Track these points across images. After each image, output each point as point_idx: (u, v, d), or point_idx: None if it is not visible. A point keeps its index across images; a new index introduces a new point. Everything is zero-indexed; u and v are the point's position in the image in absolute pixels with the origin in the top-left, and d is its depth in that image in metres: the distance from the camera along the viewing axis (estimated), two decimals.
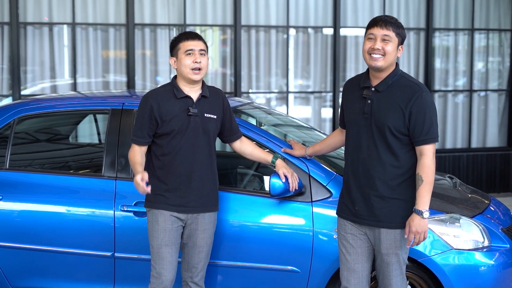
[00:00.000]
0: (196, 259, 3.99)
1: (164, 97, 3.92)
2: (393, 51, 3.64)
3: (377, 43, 3.63)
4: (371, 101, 3.67)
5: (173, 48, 3.96)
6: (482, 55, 9.67)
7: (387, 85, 3.66)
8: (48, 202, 4.44)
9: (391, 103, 3.62)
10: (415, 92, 3.59)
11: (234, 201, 4.27)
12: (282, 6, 8.81)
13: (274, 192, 4.06)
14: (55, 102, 4.88)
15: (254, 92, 8.84)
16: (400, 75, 3.70)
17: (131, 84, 8.24)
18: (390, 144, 3.61)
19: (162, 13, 8.42)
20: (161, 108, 3.88)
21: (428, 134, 3.58)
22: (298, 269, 4.20)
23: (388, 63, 3.63)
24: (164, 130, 3.87)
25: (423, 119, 3.57)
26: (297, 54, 8.98)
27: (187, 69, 3.88)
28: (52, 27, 8.12)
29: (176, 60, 3.94)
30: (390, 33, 3.62)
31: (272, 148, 4.32)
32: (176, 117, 3.87)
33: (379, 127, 3.62)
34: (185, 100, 3.92)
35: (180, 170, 3.89)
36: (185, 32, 4.00)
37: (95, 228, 4.35)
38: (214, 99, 4.02)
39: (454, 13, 9.44)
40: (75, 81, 8.18)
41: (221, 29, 8.68)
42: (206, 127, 3.93)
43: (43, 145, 5.10)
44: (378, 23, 3.65)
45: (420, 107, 3.57)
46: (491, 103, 9.72)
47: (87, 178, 4.47)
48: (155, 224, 3.91)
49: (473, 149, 9.60)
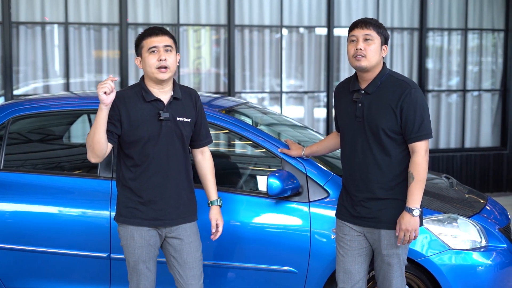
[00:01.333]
0: (189, 275, 3.69)
1: (131, 100, 3.55)
2: (377, 50, 3.62)
3: (360, 43, 3.61)
4: (362, 104, 3.65)
5: (137, 47, 3.61)
6: (475, 55, 9.69)
7: (376, 86, 3.64)
8: (43, 203, 4.40)
9: (382, 105, 3.60)
10: (404, 90, 3.58)
11: (232, 202, 4.25)
12: (276, 5, 8.79)
13: (271, 192, 4.05)
14: (50, 102, 4.85)
15: (247, 92, 8.82)
16: (388, 75, 3.68)
17: (124, 84, 8.20)
18: (385, 145, 3.60)
19: (155, 13, 8.39)
20: (129, 112, 3.53)
21: (419, 131, 3.56)
22: (295, 270, 4.19)
23: (373, 63, 3.61)
24: (132, 138, 3.54)
25: (414, 116, 3.56)
26: (290, 53, 8.96)
27: (152, 69, 3.52)
28: (44, 27, 8.08)
29: (141, 59, 3.59)
30: (371, 32, 3.61)
31: (269, 148, 4.30)
32: (145, 122, 3.53)
33: (373, 129, 3.61)
34: (154, 103, 3.57)
35: (154, 181, 3.58)
36: (148, 28, 3.62)
37: (91, 229, 4.31)
38: (187, 101, 3.68)
39: (448, 13, 9.45)
40: (68, 81, 8.14)
41: (214, 28, 8.65)
42: (179, 132, 3.61)
43: (38, 145, 5.07)
44: (359, 24, 3.65)
45: (410, 105, 3.56)
46: (485, 103, 9.74)
47: (82, 179, 4.44)
48: (131, 240, 3.62)
49: (467, 149, 9.62)
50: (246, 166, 5.11)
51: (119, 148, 3.66)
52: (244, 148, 5.53)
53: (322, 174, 4.24)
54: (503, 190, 9.70)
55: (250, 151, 5.30)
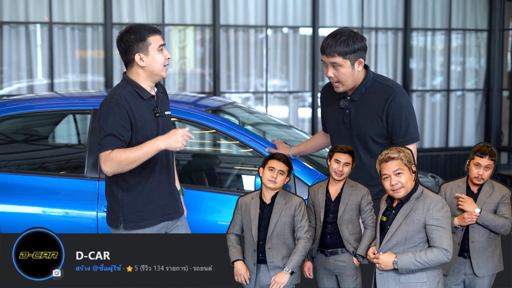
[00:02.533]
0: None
1: (131, 101, 3.50)
2: (348, 73, 3.55)
3: (329, 72, 3.56)
4: (350, 111, 3.63)
5: (139, 42, 3.50)
6: (459, 55, 9.75)
7: (361, 93, 3.62)
8: (29, 204, 4.37)
9: (369, 112, 3.59)
10: (389, 95, 3.56)
11: (218, 202, 4.24)
12: (261, 5, 8.79)
13: None
14: (35, 102, 4.81)
15: (232, 92, 8.81)
16: (373, 80, 3.64)
17: (109, 84, 8.16)
18: (372, 150, 3.59)
19: (140, 13, 8.36)
20: (134, 114, 3.49)
21: (405, 135, 3.56)
22: None
23: (349, 84, 3.57)
24: (140, 139, 3.49)
25: (400, 122, 3.55)
26: (275, 53, 8.96)
27: (161, 66, 3.54)
28: (28, 27, 8.02)
29: (143, 56, 3.52)
30: (337, 60, 3.53)
31: (256, 147, 4.30)
32: (147, 121, 3.54)
33: (361, 137, 3.60)
34: (149, 101, 3.57)
35: (160, 179, 3.63)
36: (145, 25, 3.58)
37: (77, 229, 4.28)
38: (164, 94, 3.72)
39: (432, 13, 9.50)
40: (52, 81, 8.08)
41: (199, 28, 8.64)
42: (169, 126, 3.65)
43: (23, 145, 5.03)
44: (325, 51, 3.54)
45: (395, 110, 3.54)
46: (468, 103, 9.80)
47: (68, 179, 4.41)
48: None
49: (451, 148, 9.68)
50: (233, 166, 5.11)
51: None
52: (231, 147, 5.53)
53: (309, 174, 4.24)
54: None
55: (236, 151, 5.31)
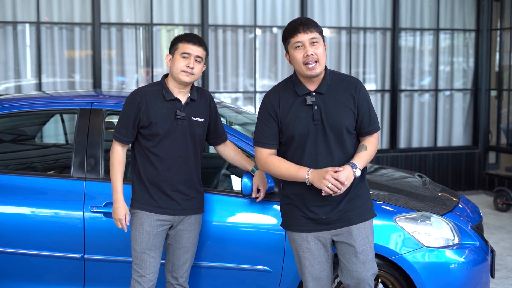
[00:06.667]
0: (182, 260, 3.97)
1: (152, 98, 3.83)
2: (324, 51, 3.52)
3: (309, 49, 3.46)
4: (318, 106, 3.51)
5: (172, 45, 3.88)
6: (447, 55, 9.79)
7: (327, 85, 3.55)
8: (16, 204, 4.35)
9: (340, 103, 3.53)
10: (356, 85, 3.57)
11: (207, 201, 4.23)
12: (249, 5, 8.80)
13: (246, 192, 4.06)
14: (22, 102, 4.80)
15: (221, 92, 8.81)
16: (331, 72, 3.62)
17: (97, 84, 8.15)
18: (344, 144, 3.52)
19: (128, 12, 8.34)
20: (149, 109, 3.80)
21: (371, 124, 3.59)
22: (270, 269, 4.19)
23: (322, 67, 3.52)
24: (149, 132, 3.81)
25: (369, 110, 3.58)
26: (264, 53, 8.97)
27: (178, 70, 3.80)
28: (16, 26, 7.99)
29: (171, 58, 3.86)
30: (316, 35, 3.48)
31: (244, 147, 4.30)
32: (163, 120, 3.81)
33: (336, 129, 3.51)
34: (173, 102, 3.85)
35: (166, 175, 3.84)
36: (189, 34, 3.90)
37: (64, 229, 4.28)
38: (201, 102, 3.96)
39: (420, 13, 9.53)
40: (40, 81, 8.06)
41: (188, 28, 8.63)
42: (193, 131, 3.88)
43: (10, 145, 5.01)
44: (300, 28, 3.47)
45: (363, 99, 3.56)
46: (456, 103, 9.84)
47: (55, 179, 4.40)
48: (140, 227, 3.86)
49: (439, 148, 9.71)
50: (221, 166, 5.11)
51: (136, 141, 3.88)
52: None
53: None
54: (474, 188, 9.81)
55: None
